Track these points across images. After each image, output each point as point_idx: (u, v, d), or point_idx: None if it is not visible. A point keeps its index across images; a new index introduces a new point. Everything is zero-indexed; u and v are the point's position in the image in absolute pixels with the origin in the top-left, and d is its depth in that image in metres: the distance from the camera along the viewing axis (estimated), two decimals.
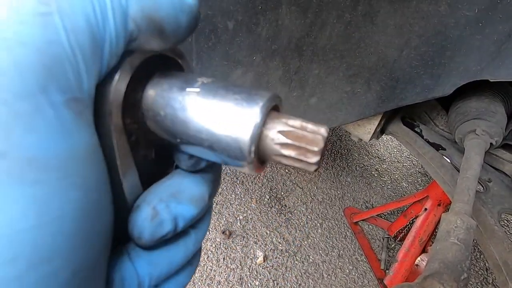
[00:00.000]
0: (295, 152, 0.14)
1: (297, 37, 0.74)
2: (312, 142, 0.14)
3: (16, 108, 0.10)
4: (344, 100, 0.92)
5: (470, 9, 0.69)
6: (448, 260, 0.49)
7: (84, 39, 0.12)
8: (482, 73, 0.75)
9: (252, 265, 1.50)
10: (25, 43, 0.11)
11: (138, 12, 0.13)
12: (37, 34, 0.11)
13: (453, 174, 0.93)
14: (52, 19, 0.11)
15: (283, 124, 0.14)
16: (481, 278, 1.62)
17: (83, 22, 0.12)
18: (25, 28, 0.11)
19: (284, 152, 0.14)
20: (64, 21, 0.12)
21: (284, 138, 0.14)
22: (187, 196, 0.17)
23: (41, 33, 0.11)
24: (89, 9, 0.12)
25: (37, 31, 0.11)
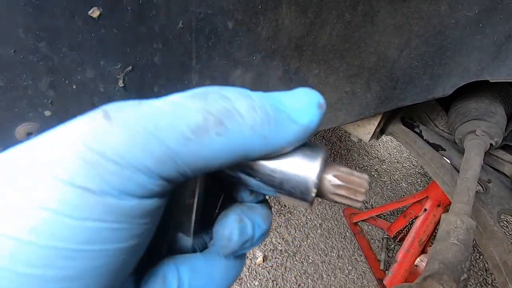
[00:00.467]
0: (346, 191, 0.19)
1: (297, 36, 0.74)
2: (360, 185, 0.19)
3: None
4: (344, 100, 0.92)
5: (470, 10, 0.69)
6: (448, 260, 0.48)
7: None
8: (482, 74, 0.75)
9: (252, 265, 1.50)
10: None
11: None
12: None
13: (453, 175, 0.93)
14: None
15: (336, 170, 0.19)
16: (481, 278, 1.62)
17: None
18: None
19: (338, 191, 0.19)
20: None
21: (338, 181, 0.19)
22: (259, 212, 0.21)
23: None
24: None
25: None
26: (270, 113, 0.16)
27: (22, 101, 0.40)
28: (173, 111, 0.14)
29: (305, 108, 0.17)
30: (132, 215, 0.14)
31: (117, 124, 0.13)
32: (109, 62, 0.46)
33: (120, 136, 0.13)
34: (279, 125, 0.16)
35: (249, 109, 0.16)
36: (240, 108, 0.15)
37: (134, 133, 0.13)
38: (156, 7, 0.46)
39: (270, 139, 0.16)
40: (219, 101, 0.15)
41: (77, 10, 0.38)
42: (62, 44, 0.39)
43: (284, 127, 0.16)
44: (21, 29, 0.35)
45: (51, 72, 0.40)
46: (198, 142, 0.14)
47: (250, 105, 0.16)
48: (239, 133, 0.15)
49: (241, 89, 0.17)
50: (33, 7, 0.34)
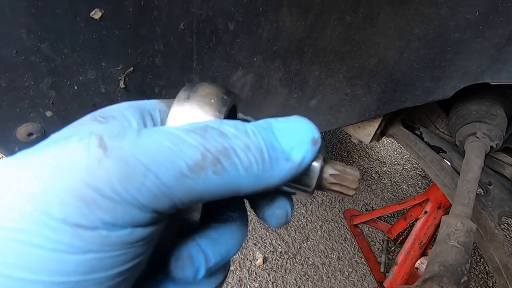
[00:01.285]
0: (340, 188, 0.22)
1: (297, 38, 0.74)
2: (353, 180, 0.22)
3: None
4: (345, 102, 0.92)
5: (470, 12, 0.69)
6: (448, 263, 0.48)
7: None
8: (482, 76, 0.75)
9: (251, 267, 1.50)
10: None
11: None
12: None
13: (453, 177, 0.93)
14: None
15: (332, 169, 0.22)
16: (481, 281, 1.62)
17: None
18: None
19: (333, 188, 0.22)
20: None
21: (333, 179, 0.22)
22: (217, 238, 0.21)
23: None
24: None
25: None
26: (264, 152, 0.16)
27: (24, 101, 0.40)
28: (172, 146, 0.14)
29: (299, 145, 0.17)
30: (126, 243, 0.14)
31: (113, 157, 0.13)
32: (110, 63, 0.46)
33: (116, 170, 0.13)
34: (273, 163, 0.17)
35: (245, 148, 0.16)
36: (237, 148, 0.15)
37: (131, 168, 0.13)
38: (158, 8, 0.47)
39: (262, 178, 0.16)
40: (217, 138, 0.15)
41: (79, 11, 0.38)
42: (64, 45, 0.39)
43: (278, 165, 0.17)
44: (24, 30, 0.35)
45: (52, 73, 0.40)
46: (194, 179, 0.14)
47: (246, 145, 0.16)
48: (234, 172, 0.15)
49: (239, 123, 0.17)
50: (36, 8, 0.34)
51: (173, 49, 0.53)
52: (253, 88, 0.79)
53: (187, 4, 0.50)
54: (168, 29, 0.50)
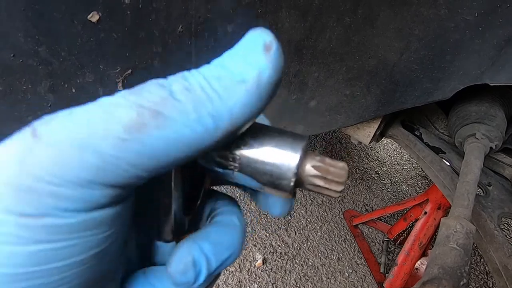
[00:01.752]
0: (324, 183, 0.18)
1: (296, 40, 0.74)
2: (339, 175, 0.18)
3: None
4: (344, 103, 0.92)
5: (470, 13, 0.69)
6: (447, 265, 0.48)
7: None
8: (482, 77, 0.75)
9: (251, 268, 1.49)
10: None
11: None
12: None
13: (453, 178, 0.93)
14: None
15: (316, 160, 0.18)
16: (481, 282, 1.62)
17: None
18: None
19: (316, 182, 0.18)
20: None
21: (316, 171, 0.18)
22: (217, 240, 0.21)
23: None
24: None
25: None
26: (208, 87, 0.14)
27: (21, 105, 0.40)
28: (103, 114, 0.13)
29: (250, 58, 0.14)
30: (83, 229, 0.13)
31: (45, 141, 0.12)
32: (108, 65, 0.46)
33: (50, 153, 0.12)
34: (225, 93, 0.14)
35: (184, 90, 0.14)
36: (175, 93, 0.13)
37: (65, 147, 0.12)
38: (156, 11, 0.46)
39: (220, 116, 0.14)
40: (153, 91, 0.13)
41: (77, 14, 0.38)
42: (62, 48, 0.39)
43: (231, 93, 0.14)
44: (21, 33, 0.35)
45: (50, 76, 0.40)
46: (137, 140, 0.13)
47: (185, 87, 0.14)
48: (181, 119, 0.13)
49: (180, 73, 0.15)
50: (33, 11, 0.34)
51: (171, 51, 0.53)
52: None
53: (186, 6, 0.50)
54: (167, 32, 0.50)
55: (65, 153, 0.12)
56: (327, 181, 0.18)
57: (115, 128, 0.13)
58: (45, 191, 0.12)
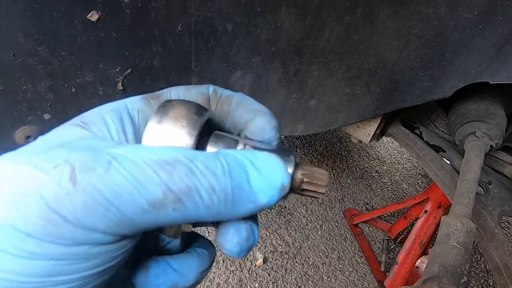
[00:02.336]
0: (311, 187, 0.22)
1: (296, 39, 0.74)
2: (322, 180, 0.22)
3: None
4: (344, 102, 0.92)
5: (469, 12, 0.69)
6: (447, 263, 0.48)
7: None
8: (481, 75, 0.75)
9: (252, 267, 1.50)
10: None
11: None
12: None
13: (453, 177, 0.93)
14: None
15: (302, 170, 0.22)
16: (482, 280, 1.62)
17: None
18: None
19: (305, 187, 0.22)
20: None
21: (304, 178, 0.22)
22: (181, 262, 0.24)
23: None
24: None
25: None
26: (229, 194, 0.17)
27: (22, 104, 0.40)
28: (136, 184, 0.15)
29: (268, 189, 0.18)
30: (84, 256, 0.15)
31: (80, 191, 0.14)
32: (108, 65, 0.46)
33: (80, 203, 0.14)
34: (236, 204, 0.17)
35: (210, 190, 0.16)
36: (201, 188, 0.16)
37: (95, 202, 0.14)
38: (155, 10, 0.46)
39: (224, 215, 0.18)
40: (183, 177, 0.16)
41: (76, 14, 0.38)
42: (61, 48, 0.39)
43: (242, 206, 0.18)
44: (20, 33, 0.35)
45: (50, 75, 0.40)
46: (155, 214, 0.16)
47: (212, 186, 0.16)
48: (194, 210, 0.16)
49: (211, 159, 0.17)
50: (32, 11, 0.34)
51: (171, 50, 0.53)
52: (252, 89, 0.79)
53: (185, 5, 0.50)
54: (166, 31, 0.50)
55: (93, 206, 0.14)
56: (313, 185, 0.22)
57: (141, 200, 0.15)
58: (66, 230, 0.14)
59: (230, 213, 0.18)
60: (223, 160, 0.17)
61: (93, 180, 0.15)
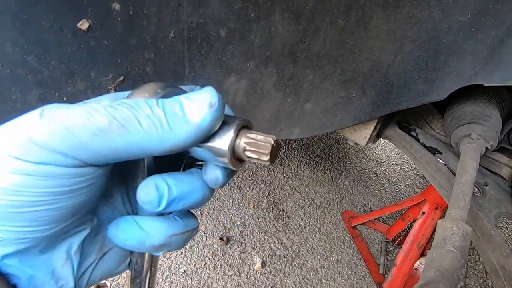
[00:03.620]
0: (254, 155, 0.24)
1: (290, 43, 0.74)
2: (264, 148, 0.24)
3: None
4: (339, 105, 0.92)
5: (462, 14, 0.69)
6: (444, 268, 0.48)
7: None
8: (476, 78, 0.75)
9: (250, 271, 1.49)
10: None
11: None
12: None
13: (450, 178, 0.93)
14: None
15: (246, 137, 0.24)
16: (481, 281, 1.62)
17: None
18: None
19: (248, 154, 0.24)
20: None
21: (247, 146, 0.24)
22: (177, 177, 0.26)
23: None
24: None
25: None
26: (163, 119, 0.21)
27: (11, 114, 0.40)
28: (88, 115, 0.19)
29: (198, 109, 0.22)
30: (48, 175, 0.19)
31: (45, 121, 0.19)
32: (99, 73, 0.45)
33: (45, 129, 0.19)
34: (172, 126, 0.21)
35: (146, 117, 0.20)
36: (139, 117, 0.20)
37: (55, 128, 0.19)
38: (147, 17, 0.46)
39: (165, 139, 0.21)
40: (125, 110, 0.20)
41: (66, 23, 0.37)
42: (51, 57, 0.39)
43: (178, 128, 0.21)
44: (9, 43, 0.35)
45: (40, 85, 0.40)
46: (103, 138, 0.19)
47: (147, 115, 0.21)
48: (136, 134, 0.20)
49: (150, 101, 0.21)
50: (20, 21, 0.34)
51: (164, 57, 0.53)
52: (247, 94, 0.78)
53: (177, 12, 0.49)
54: (159, 38, 0.50)
55: (53, 131, 0.19)
56: (255, 153, 0.24)
57: (91, 126, 0.19)
58: (36, 152, 0.19)
59: (171, 136, 0.21)
60: (160, 100, 0.22)
61: (57, 112, 0.19)
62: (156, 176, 0.24)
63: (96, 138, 0.19)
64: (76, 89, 0.43)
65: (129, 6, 0.42)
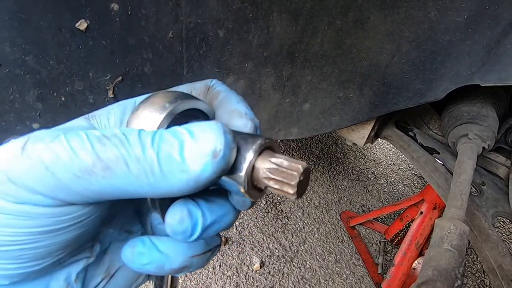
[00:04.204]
0: (277, 185, 0.19)
1: (289, 44, 0.74)
2: (291, 177, 0.18)
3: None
4: (337, 105, 0.92)
5: (459, 15, 0.70)
6: (441, 267, 0.48)
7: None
8: (472, 78, 0.76)
9: (249, 272, 1.49)
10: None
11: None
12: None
13: (447, 178, 0.93)
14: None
15: (269, 162, 0.19)
16: (478, 280, 1.62)
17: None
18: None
19: (270, 184, 0.19)
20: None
21: (269, 174, 0.19)
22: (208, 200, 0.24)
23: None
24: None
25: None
26: (155, 165, 0.17)
27: (9, 114, 0.40)
28: (71, 153, 0.17)
29: (199, 157, 0.18)
30: (27, 214, 0.17)
31: (25, 156, 0.17)
32: (98, 73, 0.45)
33: (24, 166, 0.17)
34: (166, 174, 0.18)
35: (135, 160, 0.17)
36: (128, 158, 0.17)
37: (34, 166, 0.17)
38: (145, 17, 0.46)
39: (157, 187, 0.18)
40: (113, 148, 0.17)
41: (64, 23, 0.37)
42: (49, 57, 0.39)
43: (172, 177, 0.18)
44: (7, 43, 0.35)
45: (38, 85, 0.40)
46: (86, 180, 0.17)
47: (136, 156, 0.17)
48: (123, 178, 0.17)
49: (147, 134, 0.18)
50: (18, 20, 0.34)
51: (162, 57, 0.53)
52: (245, 94, 0.78)
53: (176, 12, 0.50)
54: (157, 38, 0.50)
55: (32, 170, 0.17)
56: (278, 183, 0.19)
57: (74, 167, 0.17)
58: (12, 188, 0.17)
59: (164, 185, 0.18)
60: (158, 133, 0.18)
61: (38, 148, 0.17)
62: (187, 200, 0.21)
63: (78, 180, 0.17)
64: (74, 89, 0.43)
65: (127, 7, 0.42)
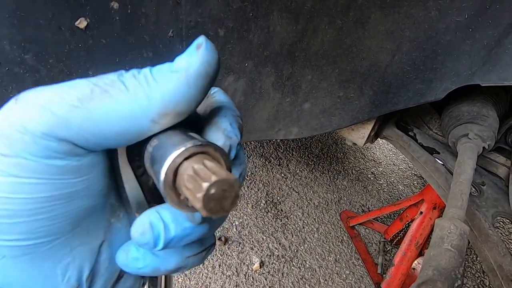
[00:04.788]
0: (189, 194, 0.15)
1: (289, 43, 0.74)
2: (198, 189, 0.14)
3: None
4: (338, 105, 0.92)
5: (460, 15, 0.69)
6: (441, 267, 0.48)
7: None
8: (473, 78, 0.76)
9: (248, 271, 1.49)
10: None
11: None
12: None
13: (447, 178, 0.93)
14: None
15: (191, 169, 0.16)
16: (478, 280, 1.62)
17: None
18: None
19: (184, 192, 0.16)
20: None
21: (186, 181, 0.15)
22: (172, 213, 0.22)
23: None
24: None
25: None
26: (149, 74, 0.18)
27: None
28: (67, 88, 0.17)
29: (185, 55, 0.19)
30: (42, 171, 0.17)
31: (19, 103, 0.17)
32: (98, 71, 0.45)
33: (20, 113, 0.16)
34: (159, 80, 0.18)
35: (131, 77, 0.18)
36: (125, 78, 0.18)
37: (30, 108, 0.16)
38: (145, 16, 0.46)
39: (153, 97, 0.18)
40: (109, 76, 0.18)
41: (64, 21, 0.37)
42: (49, 56, 0.38)
43: (165, 80, 0.18)
44: (6, 41, 0.35)
45: (38, 83, 0.40)
46: (85, 108, 0.17)
47: (133, 74, 0.18)
48: (122, 98, 0.17)
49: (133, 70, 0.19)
50: (18, 19, 0.34)
51: (162, 56, 0.53)
52: (245, 93, 0.78)
53: (175, 11, 0.49)
54: (157, 37, 0.50)
55: (29, 112, 0.16)
56: (189, 191, 0.15)
57: (71, 98, 0.17)
58: (17, 138, 0.16)
59: (158, 91, 0.18)
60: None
61: (31, 94, 0.17)
62: (152, 212, 0.20)
63: (76, 110, 0.16)
64: None
65: (127, 5, 0.42)
